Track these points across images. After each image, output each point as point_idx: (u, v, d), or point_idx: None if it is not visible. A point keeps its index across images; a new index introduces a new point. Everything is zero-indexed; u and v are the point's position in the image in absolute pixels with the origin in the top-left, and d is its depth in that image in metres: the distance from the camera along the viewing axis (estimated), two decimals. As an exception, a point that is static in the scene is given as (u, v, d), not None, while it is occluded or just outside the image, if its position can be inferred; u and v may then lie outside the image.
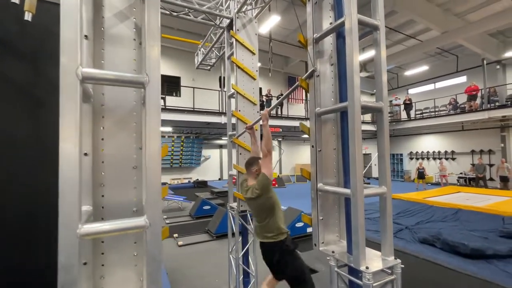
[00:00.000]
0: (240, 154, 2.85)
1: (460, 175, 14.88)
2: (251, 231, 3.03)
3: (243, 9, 2.87)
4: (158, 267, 0.81)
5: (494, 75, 13.68)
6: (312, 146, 1.67)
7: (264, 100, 13.40)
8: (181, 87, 13.15)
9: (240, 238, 3.10)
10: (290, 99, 17.29)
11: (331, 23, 1.76)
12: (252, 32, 3.00)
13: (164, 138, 16.03)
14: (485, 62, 13.01)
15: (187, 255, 5.17)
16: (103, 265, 1.08)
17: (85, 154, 1.04)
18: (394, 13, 10.66)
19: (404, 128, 16.57)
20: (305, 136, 19.53)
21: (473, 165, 13.85)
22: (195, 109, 11.79)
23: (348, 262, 1.43)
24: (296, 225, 5.96)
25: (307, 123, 1.79)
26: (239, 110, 2.89)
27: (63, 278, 0.77)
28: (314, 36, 1.70)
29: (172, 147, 16.05)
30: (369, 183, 12.61)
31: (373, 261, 1.40)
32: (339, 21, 1.51)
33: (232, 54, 3.10)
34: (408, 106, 16.14)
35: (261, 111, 2.40)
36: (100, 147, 1.08)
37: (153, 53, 0.89)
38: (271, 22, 9.16)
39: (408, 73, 17.66)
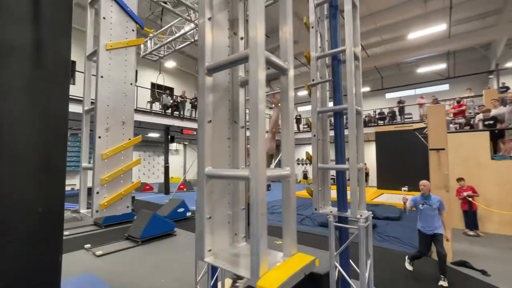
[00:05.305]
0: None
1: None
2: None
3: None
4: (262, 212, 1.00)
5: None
6: (314, 135, 2.23)
7: (179, 100, 12.97)
8: (76, 72, 10.76)
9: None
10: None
11: (320, 47, 2.41)
12: (229, 36, 3.30)
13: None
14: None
15: (114, 264, 4.52)
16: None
17: (209, 121, 1.17)
18: (297, 43, 13.05)
19: (295, 138, 20.08)
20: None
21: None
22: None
23: (346, 215, 2.06)
24: (178, 210, 7.86)
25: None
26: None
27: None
28: (316, 55, 2.29)
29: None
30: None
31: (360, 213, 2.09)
32: (339, 49, 2.17)
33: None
34: (298, 120, 19.71)
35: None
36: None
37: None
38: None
39: (299, 93, 21.57)
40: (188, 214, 8.14)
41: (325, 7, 2.48)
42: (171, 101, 12.70)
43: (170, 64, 15.25)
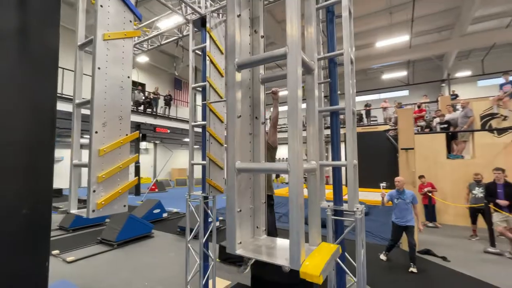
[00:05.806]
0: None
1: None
2: (212, 216, 3.19)
3: (220, 11, 3.10)
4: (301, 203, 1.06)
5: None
6: (312, 134, 2.33)
7: (152, 97, 12.40)
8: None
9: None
10: (178, 101, 16.86)
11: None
12: (221, 34, 3.27)
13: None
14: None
15: (89, 270, 4.20)
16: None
17: (239, 116, 1.19)
18: (273, 44, 13.27)
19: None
20: (186, 139, 19.43)
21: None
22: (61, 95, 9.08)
23: (343, 209, 2.19)
24: (154, 211, 7.64)
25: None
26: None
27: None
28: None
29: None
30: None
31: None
32: (337, 52, 2.30)
33: (199, 48, 3.23)
34: (273, 120, 20.15)
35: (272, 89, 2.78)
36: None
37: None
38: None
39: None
40: (165, 215, 7.86)
41: (321, 12, 2.61)
42: (143, 98, 12.11)
43: (142, 59, 14.53)
